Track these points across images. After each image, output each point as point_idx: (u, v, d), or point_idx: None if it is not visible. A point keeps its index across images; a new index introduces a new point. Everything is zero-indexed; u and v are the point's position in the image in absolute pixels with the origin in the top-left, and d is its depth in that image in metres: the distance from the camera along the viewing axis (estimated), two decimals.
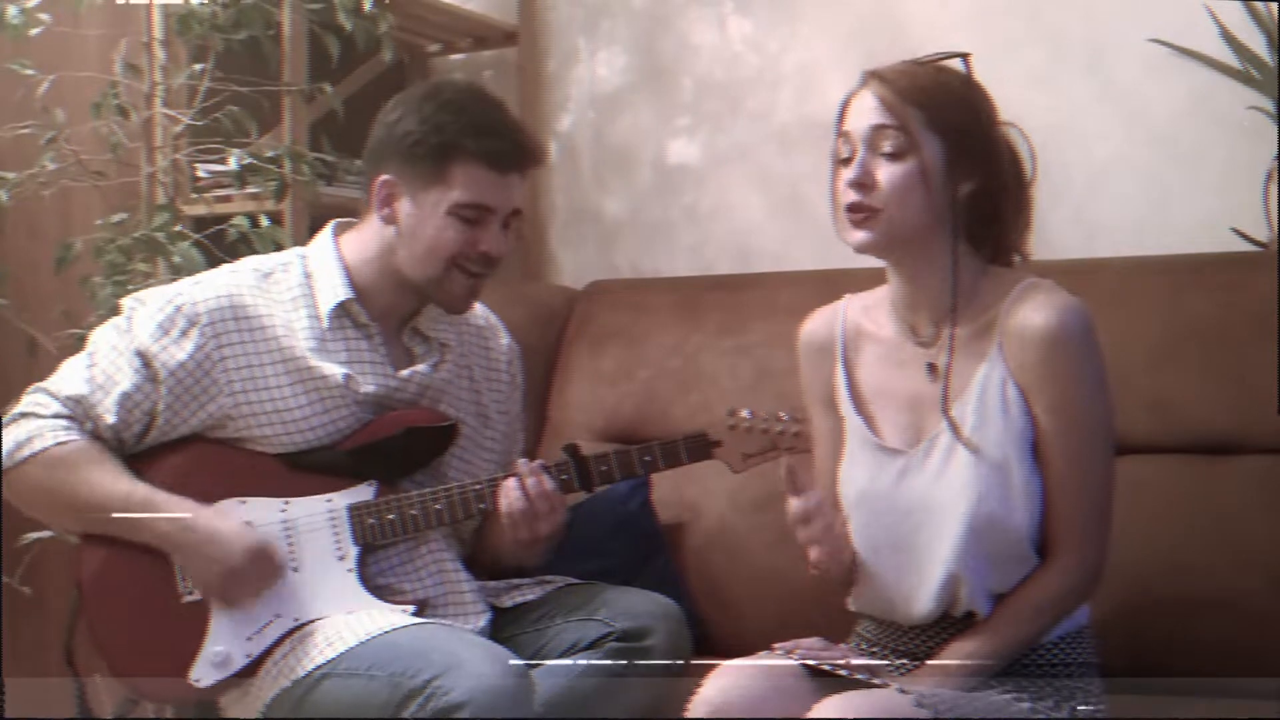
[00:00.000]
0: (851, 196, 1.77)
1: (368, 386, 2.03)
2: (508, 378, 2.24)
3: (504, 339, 2.26)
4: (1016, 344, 1.76)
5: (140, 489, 1.96)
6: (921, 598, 1.79)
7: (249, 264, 2.11)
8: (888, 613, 1.85)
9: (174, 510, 1.95)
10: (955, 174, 1.76)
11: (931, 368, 1.82)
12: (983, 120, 1.80)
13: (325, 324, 2.04)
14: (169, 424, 2.00)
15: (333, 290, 2.05)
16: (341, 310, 2.05)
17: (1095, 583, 1.78)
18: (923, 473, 1.79)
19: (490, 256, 2.04)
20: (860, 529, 1.83)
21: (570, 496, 2.03)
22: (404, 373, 2.07)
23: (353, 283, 2.06)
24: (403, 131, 2.02)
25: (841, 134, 1.81)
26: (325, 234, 2.13)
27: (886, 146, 1.76)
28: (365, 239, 2.08)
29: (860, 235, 1.78)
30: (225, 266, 2.12)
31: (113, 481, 1.96)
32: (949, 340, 1.80)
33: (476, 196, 2.01)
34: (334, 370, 2.02)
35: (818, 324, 1.95)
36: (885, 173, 1.76)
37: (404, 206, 2.03)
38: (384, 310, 2.09)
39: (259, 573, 1.95)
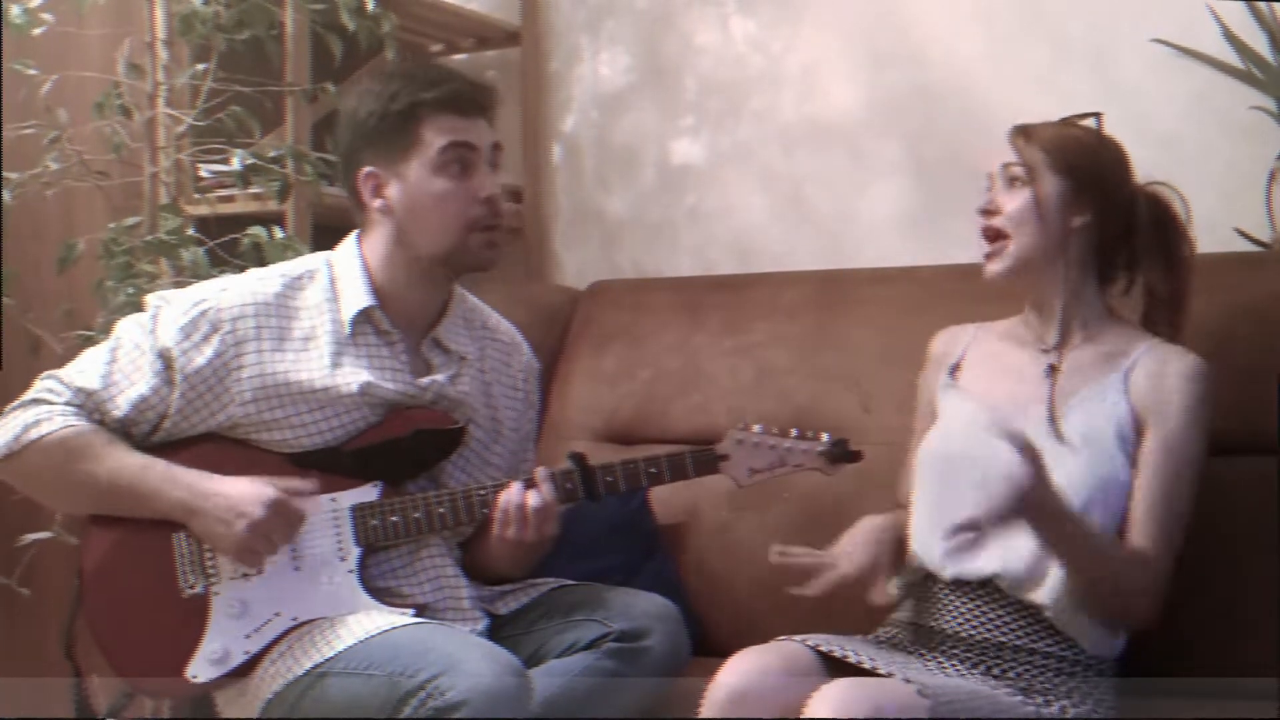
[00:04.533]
0: (981, 223, 2.00)
1: (387, 392, 2.03)
2: (523, 395, 2.23)
3: (525, 356, 2.26)
4: (1149, 375, 1.92)
5: (156, 462, 1.97)
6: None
7: (277, 271, 2.10)
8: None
9: (190, 481, 1.95)
10: (1071, 208, 1.96)
11: (1052, 369, 1.98)
12: (1105, 165, 2.00)
13: (348, 330, 2.04)
14: (177, 426, 2.01)
15: (355, 298, 2.05)
16: (364, 317, 2.05)
17: (1152, 593, 1.87)
18: None
19: (494, 200, 2.04)
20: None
21: None
22: (423, 381, 2.07)
23: (375, 289, 2.06)
24: (364, 114, 2.03)
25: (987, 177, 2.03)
26: (350, 240, 2.12)
27: (1011, 177, 1.99)
28: (376, 239, 2.08)
29: (990, 268, 2.00)
30: (254, 272, 2.12)
31: (128, 456, 1.97)
32: (1058, 354, 1.98)
33: (454, 136, 2.01)
34: (353, 379, 2.01)
35: (944, 338, 2.15)
36: (1006, 199, 1.98)
37: (393, 191, 2.03)
38: (407, 316, 2.08)
39: (283, 521, 1.94)
